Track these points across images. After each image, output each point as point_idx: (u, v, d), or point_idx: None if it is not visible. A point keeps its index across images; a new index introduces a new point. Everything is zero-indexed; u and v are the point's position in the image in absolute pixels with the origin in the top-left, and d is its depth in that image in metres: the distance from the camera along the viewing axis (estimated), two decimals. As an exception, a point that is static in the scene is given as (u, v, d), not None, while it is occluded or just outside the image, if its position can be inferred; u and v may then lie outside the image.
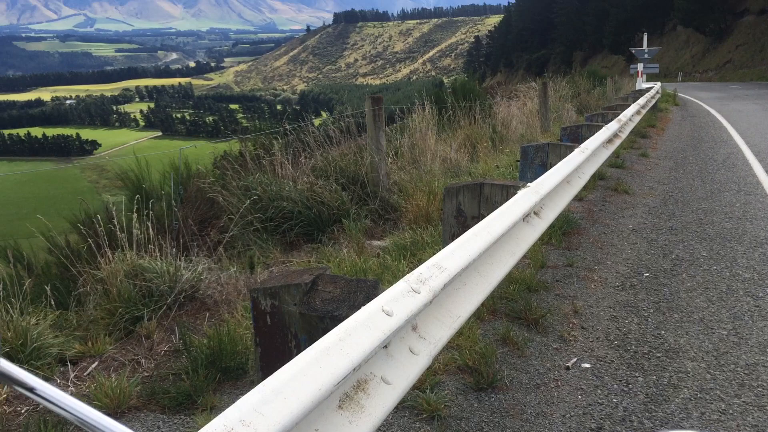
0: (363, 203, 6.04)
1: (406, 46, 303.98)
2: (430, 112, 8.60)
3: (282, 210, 5.53)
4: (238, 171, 5.86)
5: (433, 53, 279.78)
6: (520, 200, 3.75)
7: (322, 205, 5.65)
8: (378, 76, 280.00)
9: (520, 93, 15.53)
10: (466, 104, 10.76)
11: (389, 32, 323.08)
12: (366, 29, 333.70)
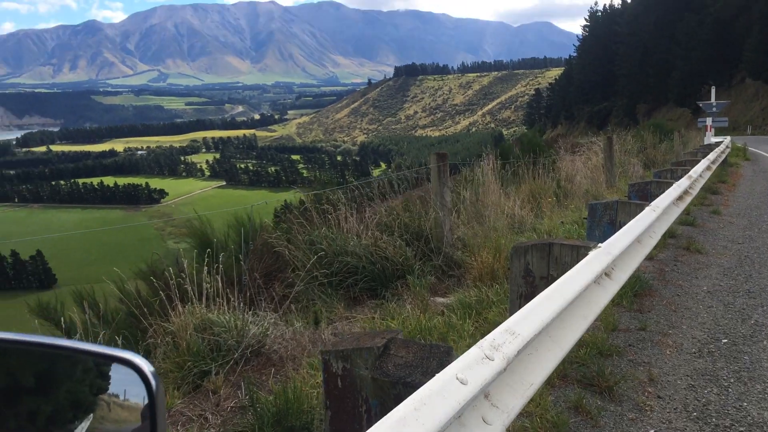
0: (427, 259, 6.01)
1: (466, 99, 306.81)
2: (494, 166, 8.57)
3: (346, 265, 5.55)
4: (303, 225, 5.94)
5: (493, 105, 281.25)
6: (592, 262, 3.65)
7: (386, 260, 5.65)
8: (437, 128, 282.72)
9: (584, 147, 15.35)
10: (530, 158, 10.70)
11: (449, 85, 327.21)
12: (426, 82, 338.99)
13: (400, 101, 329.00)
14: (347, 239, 5.79)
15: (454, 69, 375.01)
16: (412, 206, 6.94)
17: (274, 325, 4.24)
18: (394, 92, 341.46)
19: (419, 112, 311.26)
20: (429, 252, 6.10)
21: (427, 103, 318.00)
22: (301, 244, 5.68)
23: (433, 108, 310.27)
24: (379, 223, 6.25)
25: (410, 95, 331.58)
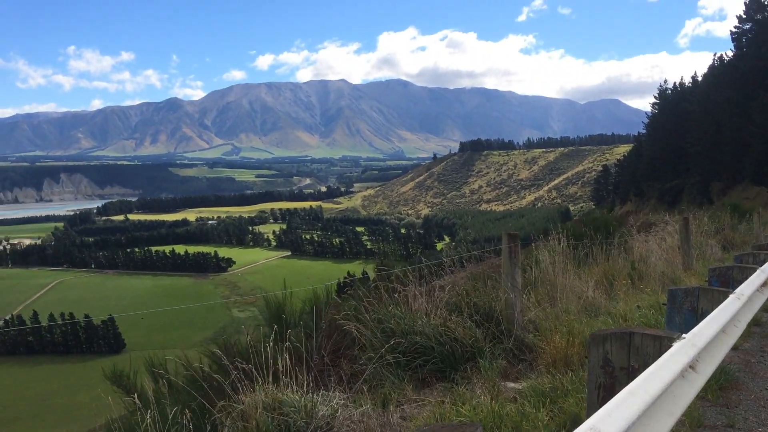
0: (497, 341, 5.86)
1: (531, 174, 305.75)
2: (565, 246, 8.40)
3: (415, 345, 5.47)
4: (372, 303, 5.92)
5: (559, 181, 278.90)
6: (677, 354, 3.47)
7: (455, 341, 5.54)
8: (502, 203, 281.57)
9: (657, 226, 14.91)
10: (602, 238, 10.45)
11: (514, 160, 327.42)
12: (491, 157, 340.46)
13: (464, 176, 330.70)
14: (416, 318, 5.73)
15: (520, 144, 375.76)
16: (481, 285, 6.84)
17: (343, 407, 4.18)
18: (459, 167, 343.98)
19: (484, 186, 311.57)
20: (499, 334, 5.96)
21: (492, 177, 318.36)
22: (369, 322, 5.64)
23: (498, 183, 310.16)
24: (448, 302, 6.17)
25: (475, 170, 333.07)
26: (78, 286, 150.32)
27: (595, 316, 7.03)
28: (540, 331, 6.04)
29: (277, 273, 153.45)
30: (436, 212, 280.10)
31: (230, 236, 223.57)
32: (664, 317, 6.12)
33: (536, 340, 5.93)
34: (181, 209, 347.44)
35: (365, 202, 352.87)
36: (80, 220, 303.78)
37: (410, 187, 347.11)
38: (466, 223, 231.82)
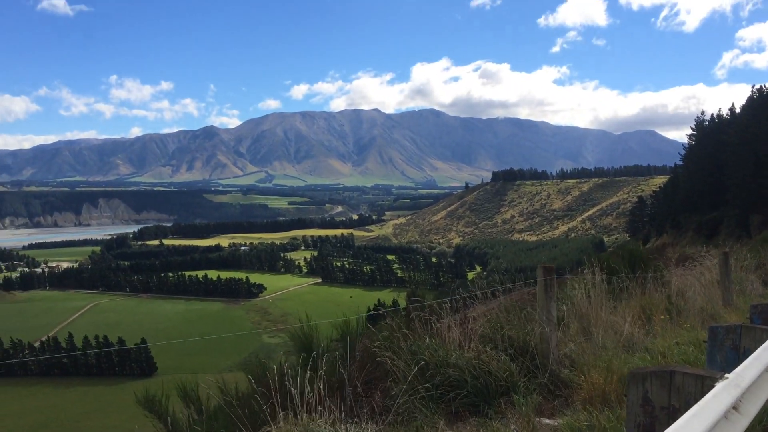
0: (532, 376, 5.76)
1: (565, 204, 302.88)
2: (600, 279, 8.27)
3: (448, 377, 5.41)
4: (406, 334, 5.88)
5: (593, 212, 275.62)
6: (720, 394, 3.37)
7: (489, 375, 5.47)
8: (534, 233, 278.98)
9: (694, 260, 14.59)
10: (638, 271, 10.26)
11: (547, 190, 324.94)
12: (524, 187, 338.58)
13: (497, 205, 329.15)
14: (449, 350, 5.68)
15: (553, 174, 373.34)
16: (516, 318, 6.76)
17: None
18: (491, 196, 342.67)
19: (516, 216, 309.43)
20: (534, 368, 5.86)
21: (525, 207, 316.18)
22: (403, 354, 5.61)
23: (531, 212, 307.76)
24: (482, 334, 6.11)
25: (507, 199, 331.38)
26: (112, 309, 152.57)
27: (633, 352, 6.87)
28: (576, 366, 5.93)
29: (307, 300, 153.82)
30: (467, 241, 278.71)
31: (262, 262, 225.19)
32: (704, 355, 5.96)
33: (572, 376, 5.82)
34: (215, 235, 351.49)
35: (397, 230, 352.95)
36: (117, 244, 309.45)
37: (442, 215, 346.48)
38: (498, 252, 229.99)
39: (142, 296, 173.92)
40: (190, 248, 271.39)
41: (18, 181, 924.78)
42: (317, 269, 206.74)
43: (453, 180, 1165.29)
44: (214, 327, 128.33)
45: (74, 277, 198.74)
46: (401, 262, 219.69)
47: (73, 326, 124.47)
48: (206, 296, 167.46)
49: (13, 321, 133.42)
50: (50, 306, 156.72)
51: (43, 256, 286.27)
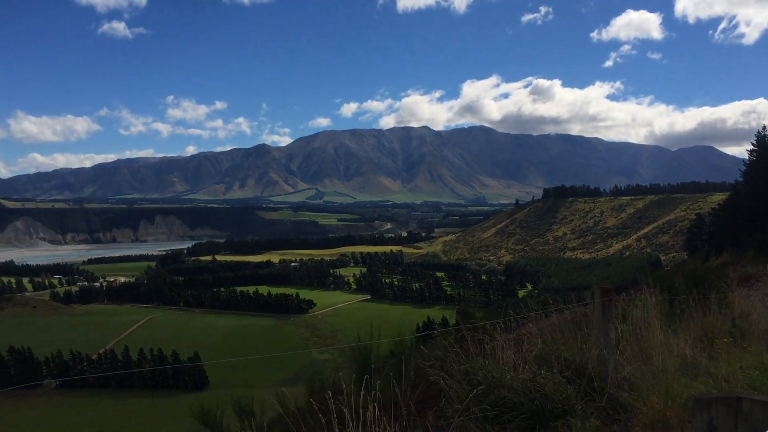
0: (589, 399, 5.62)
1: (619, 222, 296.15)
2: (660, 300, 8.03)
3: (502, 399, 5.32)
4: (459, 354, 5.83)
5: (649, 230, 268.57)
6: (792, 423, 3.24)
7: (545, 397, 5.36)
8: (587, 251, 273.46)
9: (759, 280, 14.02)
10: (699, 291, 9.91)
11: (601, 207, 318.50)
12: (576, 204, 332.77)
13: (548, 222, 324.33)
14: (503, 371, 5.59)
15: (607, 191, 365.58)
16: (570, 339, 6.62)
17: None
18: (542, 213, 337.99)
19: (568, 233, 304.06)
20: (591, 391, 5.71)
21: (577, 225, 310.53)
22: (456, 374, 5.55)
23: (583, 230, 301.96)
24: (537, 356, 6.00)
25: (559, 217, 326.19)
26: (167, 323, 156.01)
27: (694, 377, 6.63)
28: (635, 390, 5.76)
29: (356, 316, 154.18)
30: (518, 259, 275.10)
31: (312, 278, 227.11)
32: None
33: (631, 400, 5.65)
34: (266, 251, 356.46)
35: (446, 247, 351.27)
36: (171, 259, 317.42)
37: (492, 233, 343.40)
38: (550, 270, 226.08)
39: (195, 311, 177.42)
40: (242, 264, 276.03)
41: (79, 198, 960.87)
42: (366, 286, 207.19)
43: (503, 197, 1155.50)
44: (264, 342, 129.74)
45: (131, 291, 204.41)
46: (450, 279, 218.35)
47: (130, 339, 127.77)
48: (257, 311, 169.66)
49: (73, 333, 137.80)
50: (108, 319, 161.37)
51: (101, 270, 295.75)
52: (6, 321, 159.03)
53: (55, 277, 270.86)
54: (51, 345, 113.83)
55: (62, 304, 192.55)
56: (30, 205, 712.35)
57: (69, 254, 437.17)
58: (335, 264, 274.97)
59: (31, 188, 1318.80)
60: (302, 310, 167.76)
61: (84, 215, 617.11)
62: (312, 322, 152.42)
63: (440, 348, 6.17)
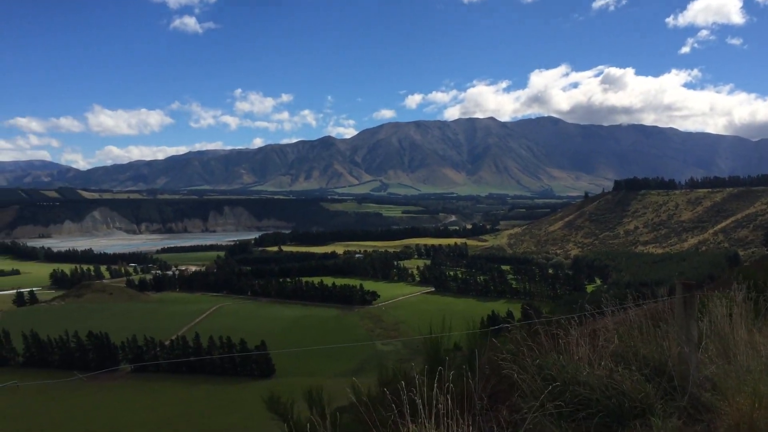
0: (669, 398, 5.41)
1: (695, 215, 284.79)
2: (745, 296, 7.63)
3: (578, 396, 5.18)
4: (532, 348, 5.70)
5: (727, 224, 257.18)
6: None
7: (622, 395, 5.18)
8: (660, 245, 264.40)
9: None
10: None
11: (675, 200, 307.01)
12: (649, 197, 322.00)
13: (619, 215, 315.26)
14: (578, 367, 5.44)
15: (682, 184, 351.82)
16: (650, 336, 6.39)
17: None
18: (612, 206, 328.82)
19: (640, 227, 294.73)
20: (671, 390, 5.49)
21: (650, 218, 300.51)
22: (529, 368, 5.43)
23: (657, 224, 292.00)
24: (614, 352, 5.81)
25: (630, 210, 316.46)
26: (235, 311, 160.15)
27: (783, 378, 6.29)
28: (718, 390, 5.50)
29: (420, 308, 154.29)
30: (586, 253, 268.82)
31: (376, 270, 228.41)
32: None
33: (714, 400, 5.40)
34: (330, 242, 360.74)
35: (511, 240, 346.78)
36: (239, 249, 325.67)
37: (559, 226, 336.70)
38: (620, 265, 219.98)
39: (262, 300, 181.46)
40: (307, 255, 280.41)
41: (153, 190, 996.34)
42: (430, 278, 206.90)
43: (571, 189, 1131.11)
44: (328, 332, 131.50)
45: (201, 280, 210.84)
46: (516, 272, 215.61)
47: (200, 326, 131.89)
48: (322, 302, 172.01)
49: (147, 320, 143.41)
50: (179, 307, 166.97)
51: (174, 259, 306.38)
52: (85, 307, 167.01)
53: (130, 265, 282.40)
54: (126, 330, 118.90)
55: (137, 291, 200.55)
56: (107, 196, 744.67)
57: (143, 243, 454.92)
58: (399, 256, 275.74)
59: (107, 179, 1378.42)
60: (366, 301, 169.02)
61: (157, 206, 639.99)
62: (376, 314, 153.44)
63: (512, 342, 6.06)
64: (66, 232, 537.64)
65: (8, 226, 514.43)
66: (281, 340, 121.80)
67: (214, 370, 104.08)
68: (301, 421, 7.60)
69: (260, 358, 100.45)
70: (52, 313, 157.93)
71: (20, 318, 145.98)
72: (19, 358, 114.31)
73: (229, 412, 75.91)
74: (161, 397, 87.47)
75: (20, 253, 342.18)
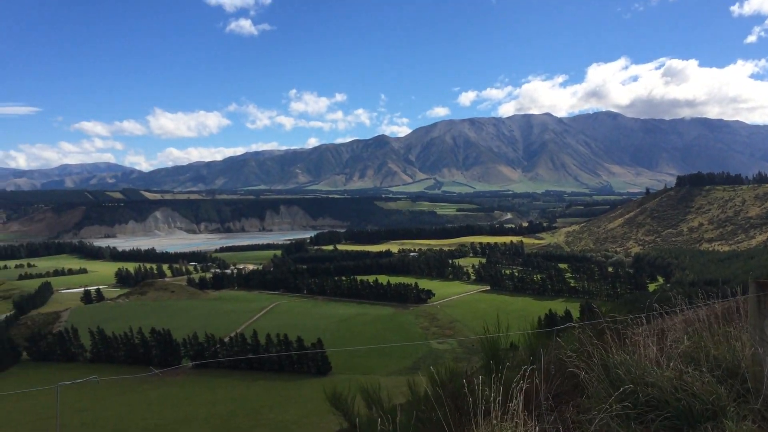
0: (742, 401, 5.21)
1: (763, 211, 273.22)
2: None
3: (646, 397, 5.05)
4: (598, 347, 5.58)
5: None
6: None
7: (693, 397, 5.02)
8: (726, 242, 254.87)
9: None
10: None
11: (742, 196, 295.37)
12: (714, 192, 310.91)
13: (682, 212, 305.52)
14: (646, 368, 5.30)
15: (749, 179, 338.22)
16: (720, 336, 6.17)
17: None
18: (675, 202, 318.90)
19: (705, 224, 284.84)
20: (744, 393, 5.29)
21: (715, 215, 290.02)
22: (596, 368, 5.32)
23: (722, 220, 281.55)
24: (683, 352, 5.63)
25: (694, 206, 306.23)
26: (291, 309, 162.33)
27: None
28: (796, 393, 5.26)
29: (475, 307, 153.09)
30: (648, 251, 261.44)
31: (430, 268, 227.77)
32: None
33: (791, 404, 5.17)
34: (385, 241, 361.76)
35: (569, 238, 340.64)
36: (295, 248, 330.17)
37: (619, 223, 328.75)
38: (684, 263, 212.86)
39: (318, 298, 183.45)
40: (362, 253, 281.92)
41: (211, 190, 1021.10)
42: (485, 276, 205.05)
43: (631, 185, 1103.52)
44: (383, 331, 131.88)
45: (259, 278, 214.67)
46: (574, 271, 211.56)
47: (258, 324, 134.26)
48: (376, 300, 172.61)
49: (207, 317, 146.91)
50: (238, 305, 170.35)
51: (232, 258, 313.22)
52: (148, 304, 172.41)
53: (190, 263, 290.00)
54: (187, 327, 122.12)
55: (197, 289, 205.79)
56: (168, 197, 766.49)
57: (202, 242, 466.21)
58: (454, 254, 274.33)
59: (168, 181, 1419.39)
60: (421, 299, 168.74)
61: (215, 206, 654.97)
62: (431, 312, 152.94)
63: (577, 341, 5.95)
64: (129, 231, 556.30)
65: (76, 226, 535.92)
66: (336, 338, 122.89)
67: (271, 366, 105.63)
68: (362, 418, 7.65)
69: (316, 356, 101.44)
70: (117, 310, 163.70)
71: (88, 315, 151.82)
72: (87, 354, 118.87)
73: (287, 408, 77.07)
74: (221, 393, 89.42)
75: (87, 253, 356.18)
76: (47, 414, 76.44)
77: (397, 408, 7.02)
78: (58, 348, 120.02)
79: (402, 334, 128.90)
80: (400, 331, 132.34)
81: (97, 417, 75.05)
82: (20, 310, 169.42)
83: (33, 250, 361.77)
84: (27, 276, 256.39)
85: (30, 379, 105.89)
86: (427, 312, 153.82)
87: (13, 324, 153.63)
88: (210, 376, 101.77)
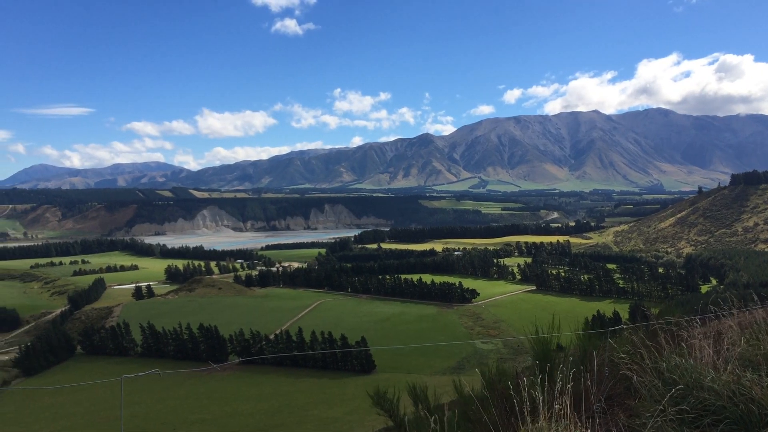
0: (805, 407, 5.00)
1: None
2: None
3: (702, 401, 4.89)
4: (651, 349, 5.44)
5: None
6: None
7: (751, 402, 4.85)
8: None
9: None
10: None
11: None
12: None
13: (736, 211, 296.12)
14: (702, 371, 5.13)
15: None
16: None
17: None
18: (729, 201, 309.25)
19: (761, 224, 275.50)
20: (807, 399, 5.08)
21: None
22: (648, 371, 5.18)
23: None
24: (740, 356, 5.44)
25: (749, 205, 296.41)
26: (335, 307, 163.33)
27: None
28: None
29: (521, 307, 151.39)
30: (700, 251, 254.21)
31: (475, 268, 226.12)
32: None
33: None
34: (429, 240, 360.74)
35: (617, 237, 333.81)
36: (339, 247, 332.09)
37: (670, 223, 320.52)
38: (738, 264, 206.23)
39: (362, 297, 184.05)
40: (406, 252, 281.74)
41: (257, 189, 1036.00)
42: (531, 276, 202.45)
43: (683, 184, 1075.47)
44: (427, 330, 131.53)
45: (303, 276, 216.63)
46: (623, 271, 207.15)
47: (302, 321, 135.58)
48: (420, 299, 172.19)
49: (253, 314, 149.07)
50: (283, 302, 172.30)
51: (277, 256, 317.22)
52: (197, 300, 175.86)
53: (237, 261, 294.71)
54: (234, 324, 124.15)
55: (244, 286, 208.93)
56: (215, 195, 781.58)
57: (249, 240, 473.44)
58: (499, 253, 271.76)
59: (216, 179, 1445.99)
60: (465, 299, 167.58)
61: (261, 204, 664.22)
62: (475, 312, 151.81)
63: (629, 343, 5.81)
64: (178, 229, 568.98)
65: (127, 223, 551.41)
66: (380, 337, 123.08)
67: (315, 364, 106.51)
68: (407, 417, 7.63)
69: (360, 354, 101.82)
70: (166, 306, 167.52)
71: (138, 310, 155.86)
72: (138, 348, 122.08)
73: (331, 405, 77.57)
74: (266, 389, 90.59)
75: (138, 250, 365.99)
76: (103, 406, 78.72)
77: (443, 407, 6.98)
78: (111, 342, 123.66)
79: (446, 333, 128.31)
80: (444, 330, 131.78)
81: (149, 410, 76.96)
82: (75, 305, 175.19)
83: (87, 247, 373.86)
84: (81, 272, 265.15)
85: (85, 371, 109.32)
86: (472, 311, 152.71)
87: (68, 319, 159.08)
88: (255, 372, 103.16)
